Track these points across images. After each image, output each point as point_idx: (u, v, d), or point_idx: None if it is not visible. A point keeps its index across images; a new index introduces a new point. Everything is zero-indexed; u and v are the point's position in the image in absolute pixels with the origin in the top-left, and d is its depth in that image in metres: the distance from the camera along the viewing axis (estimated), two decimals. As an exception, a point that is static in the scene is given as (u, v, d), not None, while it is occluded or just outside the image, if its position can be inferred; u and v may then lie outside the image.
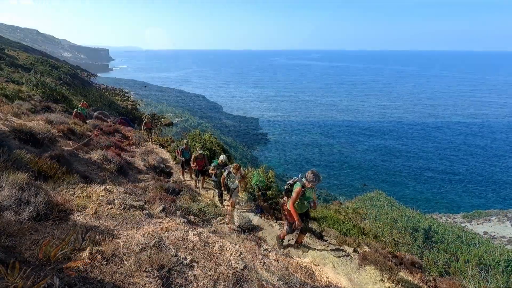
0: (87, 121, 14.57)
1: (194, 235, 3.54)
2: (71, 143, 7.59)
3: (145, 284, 2.35)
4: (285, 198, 4.97)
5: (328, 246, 6.02)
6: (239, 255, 3.73)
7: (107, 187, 4.42)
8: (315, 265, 4.69)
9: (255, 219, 6.93)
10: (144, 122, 15.51)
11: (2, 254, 2.17)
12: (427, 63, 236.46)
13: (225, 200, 8.23)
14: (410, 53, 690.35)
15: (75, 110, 13.80)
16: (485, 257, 4.77)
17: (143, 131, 16.01)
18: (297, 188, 4.56)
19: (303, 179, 4.58)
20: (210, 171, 8.17)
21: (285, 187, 4.93)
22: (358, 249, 6.45)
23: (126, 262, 2.56)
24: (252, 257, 3.73)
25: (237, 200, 7.44)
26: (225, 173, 7.07)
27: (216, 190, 8.49)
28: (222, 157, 7.94)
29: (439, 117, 48.36)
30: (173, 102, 60.75)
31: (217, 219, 5.04)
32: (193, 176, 10.68)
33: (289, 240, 5.47)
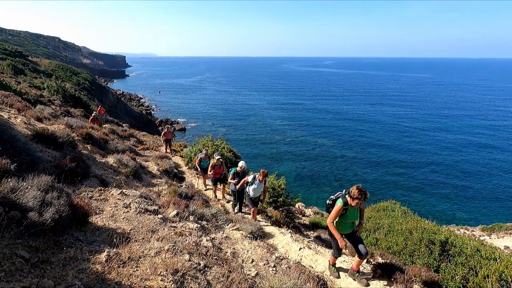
0: (104, 126, 15.05)
1: (207, 240, 3.57)
2: (89, 147, 7.84)
3: (160, 287, 2.40)
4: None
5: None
6: (251, 262, 3.74)
7: (123, 190, 4.54)
8: (328, 275, 4.63)
9: (266, 226, 6.92)
10: (163, 132, 14.18)
11: (27, 254, 2.27)
12: (443, 70, 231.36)
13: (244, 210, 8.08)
14: (425, 60, 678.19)
15: (93, 114, 14.27)
16: (506, 272, 4.57)
17: (162, 142, 14.84)
18: (338, 205, 4.08)
19: (347, 196, 4.04)
20: (229, 180, 7.67)
21: (327, 202, 4.46)
22: (371, 260, 6.31)
23: (142, 265, 2.62)
24: (264, 265, 3.73)
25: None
26: (249, 178, 6.63)
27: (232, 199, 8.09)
28: (242, 163, 7.47)
29: (458, 127, 46.78)
30: (186, 108, 61.91)
31: (229, 225, 5.07)
32: (208, 183, 10.54)
33: (335, 267, 4.78)
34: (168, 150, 14.66)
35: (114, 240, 2.92)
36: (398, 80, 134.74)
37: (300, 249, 5.65)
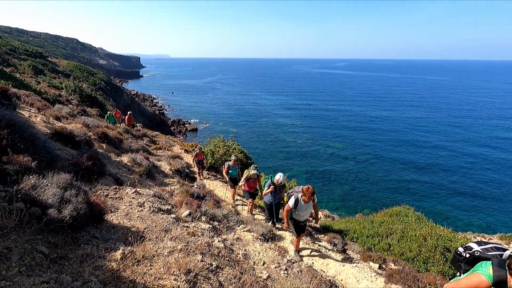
0: (117, 125, 15.41)
1: (219, 241, 3.59)
2: (104, 146, 8.03)
3: (173, 287, 2.43)
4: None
5: (351, 261, 5.83)
6: (263, 264, 3.73)
7: (138, 189, 4.62)
8: (339, 280, 4.57)
9: (277, 229, 6.88)
10: (195, 153, 12.35)
11: (47, 249, 2.34)
12: (462, 72, 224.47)
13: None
14: (441, 62, 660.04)
15: (128, 113, 15.36)
16: (527, 284, 4.40)
17: (193, 165, 12.63)
18: (478, 276, 2.13)
19: (504, 261, 2.11)
20: (264, 192, 6.59)
21: (459, 250, 2.56)
22: (383, 266, 6.19)
23: (155, 264, 2.66)
24: (275, 267, 3.71)
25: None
26: (291, 202, 4.89)
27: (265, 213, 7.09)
28: (279, 176, 6.39)
29: (479, 133, 44.73)
30: (198, 109, 62.56)
31: (240, 226, 5.08)
32: (237, 198, 9.57)
33: None
34: (201, 174, 12.29)
35: (129, 238, 2.98)
36: (414, 83, 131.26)
37: (311, 252, 5.60)
